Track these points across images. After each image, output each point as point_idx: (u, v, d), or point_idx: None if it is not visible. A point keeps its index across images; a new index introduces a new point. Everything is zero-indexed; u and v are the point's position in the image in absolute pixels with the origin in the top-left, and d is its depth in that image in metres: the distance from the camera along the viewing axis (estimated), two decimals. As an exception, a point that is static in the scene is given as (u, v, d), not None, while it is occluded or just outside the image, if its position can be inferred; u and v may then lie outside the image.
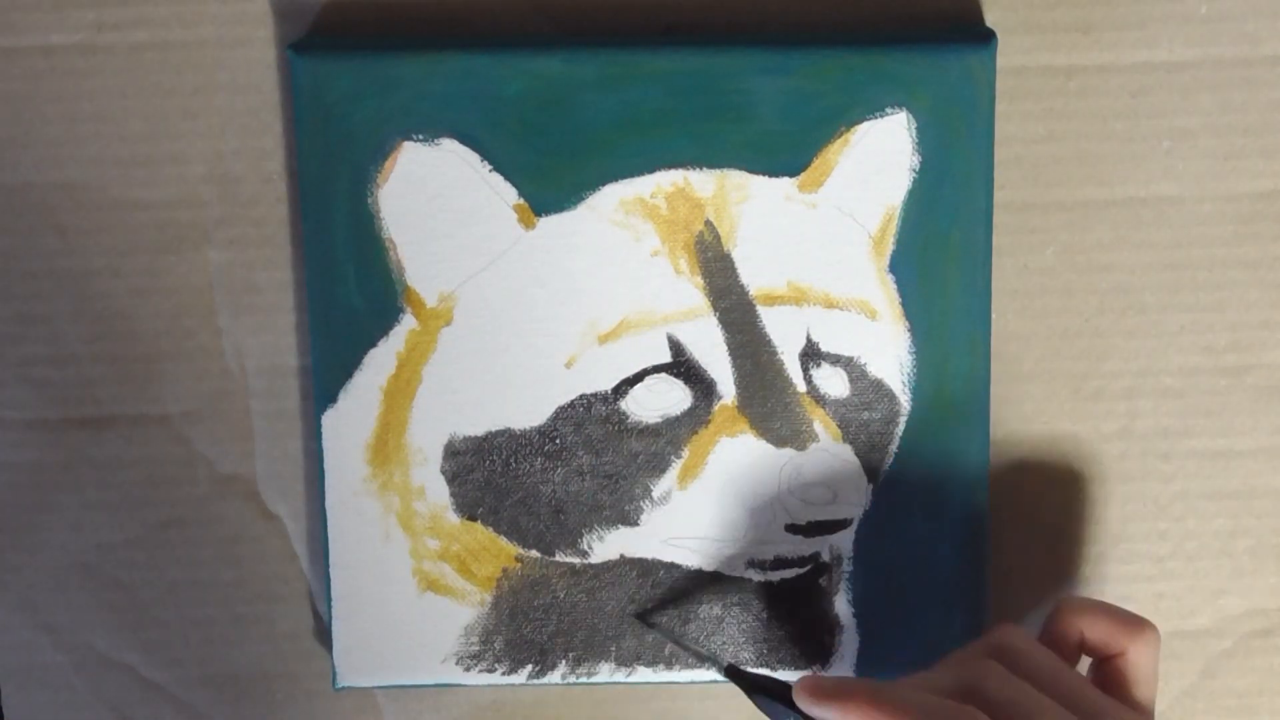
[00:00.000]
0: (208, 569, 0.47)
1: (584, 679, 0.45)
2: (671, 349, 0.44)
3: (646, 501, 0.44)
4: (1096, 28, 0.44)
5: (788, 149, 0.43)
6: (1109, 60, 0.44)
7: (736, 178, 0.43)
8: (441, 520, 0.45)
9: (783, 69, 0.42)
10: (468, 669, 0.45)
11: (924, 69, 0.42)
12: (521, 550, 0.45)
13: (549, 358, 0.44)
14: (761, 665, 0.45)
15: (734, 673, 0.42)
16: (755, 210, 0.43)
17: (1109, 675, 0.41)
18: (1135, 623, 0.41)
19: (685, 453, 0.44)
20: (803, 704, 0.38)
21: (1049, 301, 0.45)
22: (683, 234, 0.43)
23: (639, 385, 0.44)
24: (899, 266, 0.44)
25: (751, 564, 0.45)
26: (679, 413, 0.44)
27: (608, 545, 0.45)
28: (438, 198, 0.43)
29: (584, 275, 0.43)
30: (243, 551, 0.46)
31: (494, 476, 0.44)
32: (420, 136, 0.43)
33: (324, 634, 0.47)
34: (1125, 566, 0.46)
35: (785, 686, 0.39)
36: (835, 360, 0.44)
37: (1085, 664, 0.42)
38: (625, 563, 0.45)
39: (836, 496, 0.44)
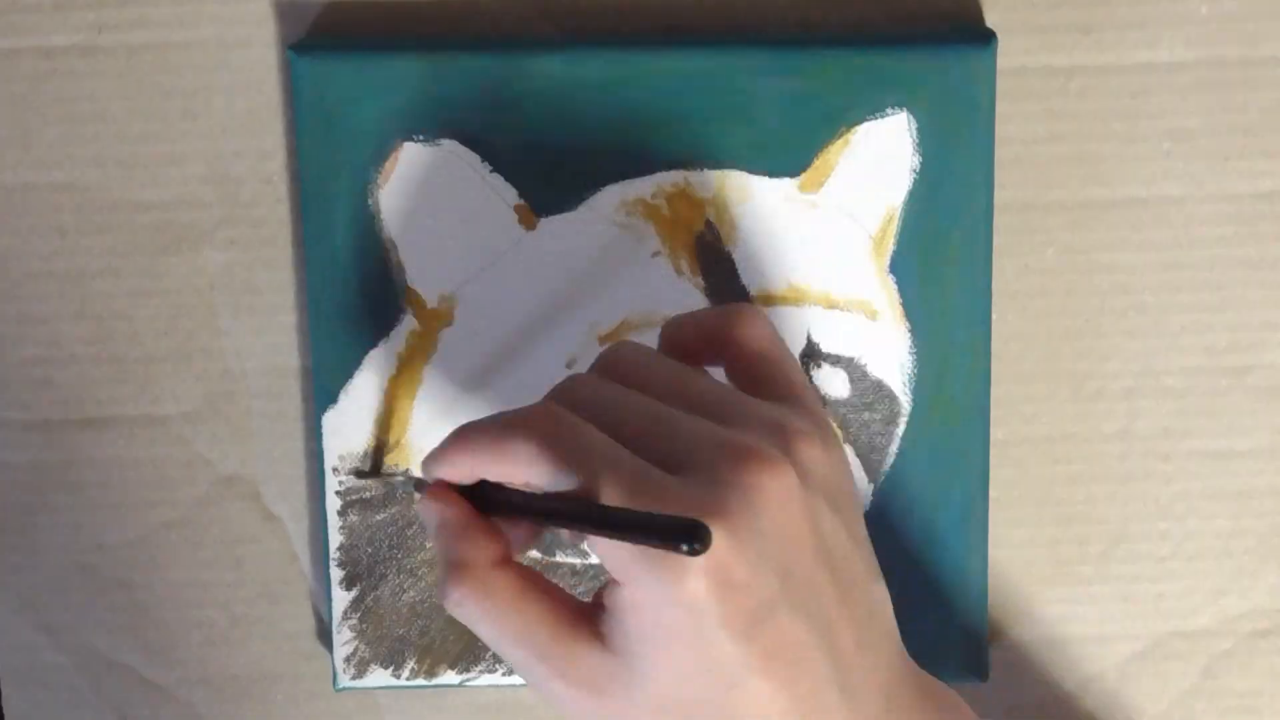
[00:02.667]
0: (208, 570, 0.47)
1: (585, 679, 0.45)
2: (672, 349, 0.44)
3: (647, 502, 0.44)
4: (1097, 28, 0.44)
5: (788, 150, 0.43)
6: (1109, 61, 0.44)
7: (737, 178, 0.43)
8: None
9: (783, 70, 0.42)
10: (468, 670, 0.45)
11: (924, 69, 0.43)
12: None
13: (550, 358, 0.44)
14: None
15: (419, 484, 0.40)
16: (756, 211, 0.43)
17: (736, 377, 0.37)
18: (731, 306, 0.37)
19: (686, 453, 0.44)
20: (425, 474, 0.36)
21: (1050, 302, 0.45)
22: (683, 234, 0.43)
23: (639, 386, 0.44)
24: (899, 267, 0.44)
25: (752, 564, 0.45)
26: (679, 413, 0.44)
27: (608, 546, 0.45)
28: (438, 198, 0.43)
29: (585, 276, 0.43)
30: (243, 552, 0.46)
31: (494, 477, 0.44)
32: (421, 137, 0.43)
33: (325, 635, 0.47)
34: (1126, 567, 0.46)
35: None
36: (836, 361, 0.44)
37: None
38: (626, 563, 0.45)
39: (837, 497, 0.44)
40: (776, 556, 0.32)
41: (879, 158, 0.43)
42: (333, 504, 0.45)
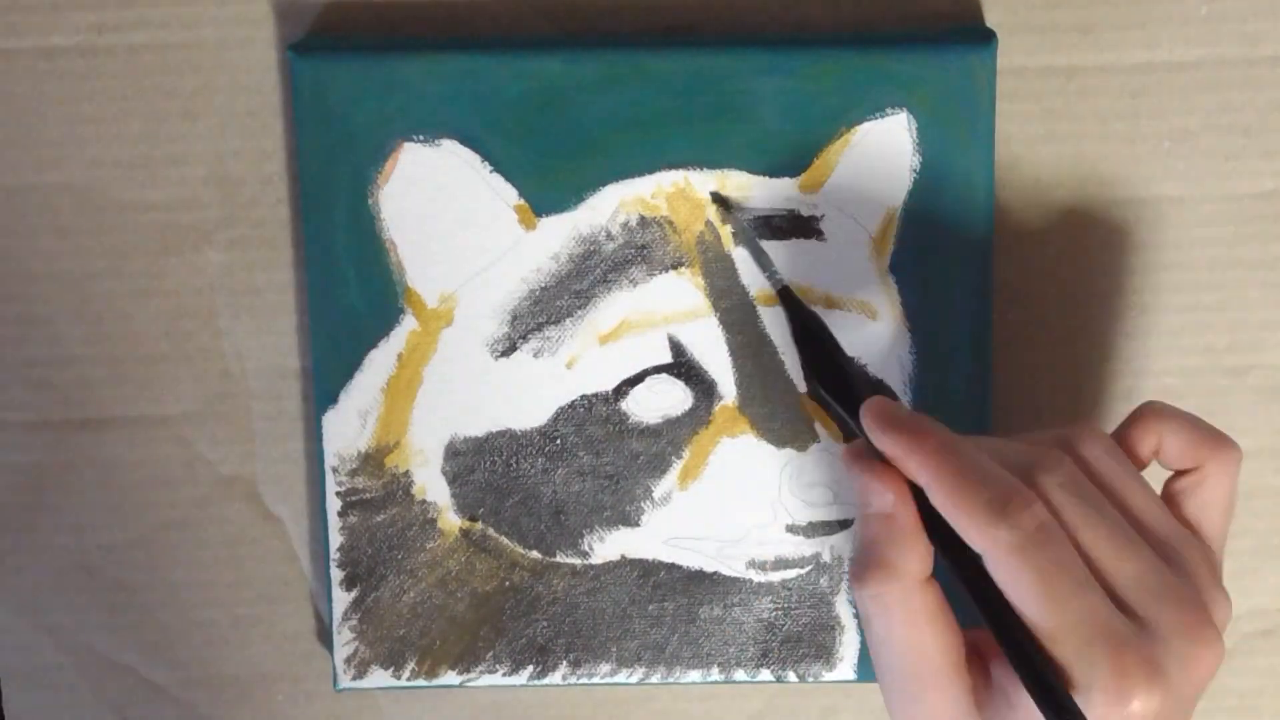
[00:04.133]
0: (209, 570, 0.47)
1: (585, 680, 0.45)
2: (672, 349, 0.44)
3: (647, 502, 0.44)
4: (1097, 28, 0.44)
5: (788, 149, 0.43)
6: (1109, 60, 0.44)
7: (737, 178, 0.43)
8: (443, 521, 0.45)
9: (783, 69, 0.42)
10: (468, 670, 0.45)
11: (924, 69, 0.42)
12: (522, 551, 0.45)
13: (550, 359, 0.44)
14: (763, 667, 0.45)
15: (800, 336, 0.41)
16: (756, 211, 0.43)
17: (1178, 492, 0.38)
18: (1219, 437, 0.38)
19: (686, 453, 0.44)
20: (868, 426, 0.37)
21: (1050, 302, 0.45)
22: (683, 235, 0.43)
23: (640, 386, 0.44)
24: (900, 267, 0.44)
25: (752, 564, 0.45)
26: (680, 413, 0.44)
27: (608, 546, 0.45)
28: (438, 199, 0.43)
29: (584, 276, 0.43)
30: (244, 553, 0.46)
31: (495, 477, 0.44)
32: (421, 137, 0.43)
33: (325, 635, 0.47)
34: (1126, 566, 0.46)
35: (850, 390, 0.38)
36: (836, 361, 0.44)
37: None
38: (626, 563, 0.45)
39: (837, 497, 0.44)
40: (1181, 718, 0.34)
41: (879, 158, 0.43)
42: (333, 504, 0.45)
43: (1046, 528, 0.34)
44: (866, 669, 0.45)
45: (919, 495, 0.36)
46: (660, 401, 0.44)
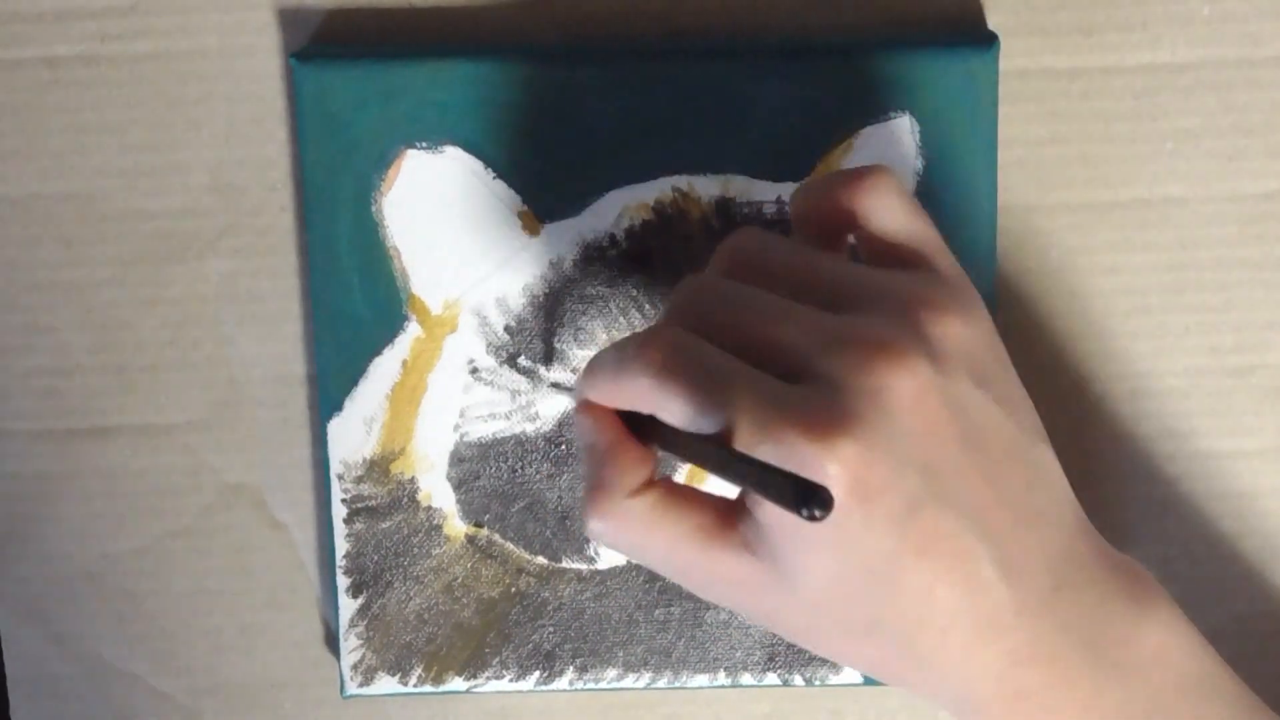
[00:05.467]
0: (215, 578, 0.47)
1: (591, 685, 0.46)
2: (676, 354, 0.44)
3: (653, 507, 0.44)
4: (1099, 29, 0.44)
5: (791, 154, 0.43)
6: (1112, 62, 0.44)
7: (740, 183, 0.43)
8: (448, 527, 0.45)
9: (785, 74, 0.42)
10: (475, 676, 0.45)
11: (926, 73, 0.43)
12: (528, 557, 0.45)
13: (555, 364, 0.44)
14: (769, 670, 0.45)
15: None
16: (759, 216, 0.43)
17: (864, 250, 0.35)
18: (855, 172, 0.35)
19: (691, 458, 0.44)
20: (575, 394, 0.36)
21: (1053, 303, 0.45)
22: (687, 240, 0.43)
23: (644, 391, 0.44)
24: (903, 270, 0.44)
25: (758, 568, 0.45)
26: (684, 418, 0.44)
27: (614, 551, 0.45)
28: (442, 205, 0.43)
29: (587, 281, 0.43)
30: (250, 560, 0.46)
31: (500, 483, 0.44)
32: (424, 144, 0.43)
33: (331, 642, 0.47)
34: (1132, 568, 0.46)
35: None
36: (840, 364, 0.44)
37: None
38: (632, 568, 0.45)
39: (842, 500, 0.44)
40: (916, 454, 0.31)
41: (882, 161, 0.43)
42: (339, 511, 0.45)
43: (676, 347, 0.32)
44: (873, 672, 0.45)
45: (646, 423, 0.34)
46: (665, 406, 0.44)
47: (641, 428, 0.34)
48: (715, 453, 0.31)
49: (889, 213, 0.35)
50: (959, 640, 0.33)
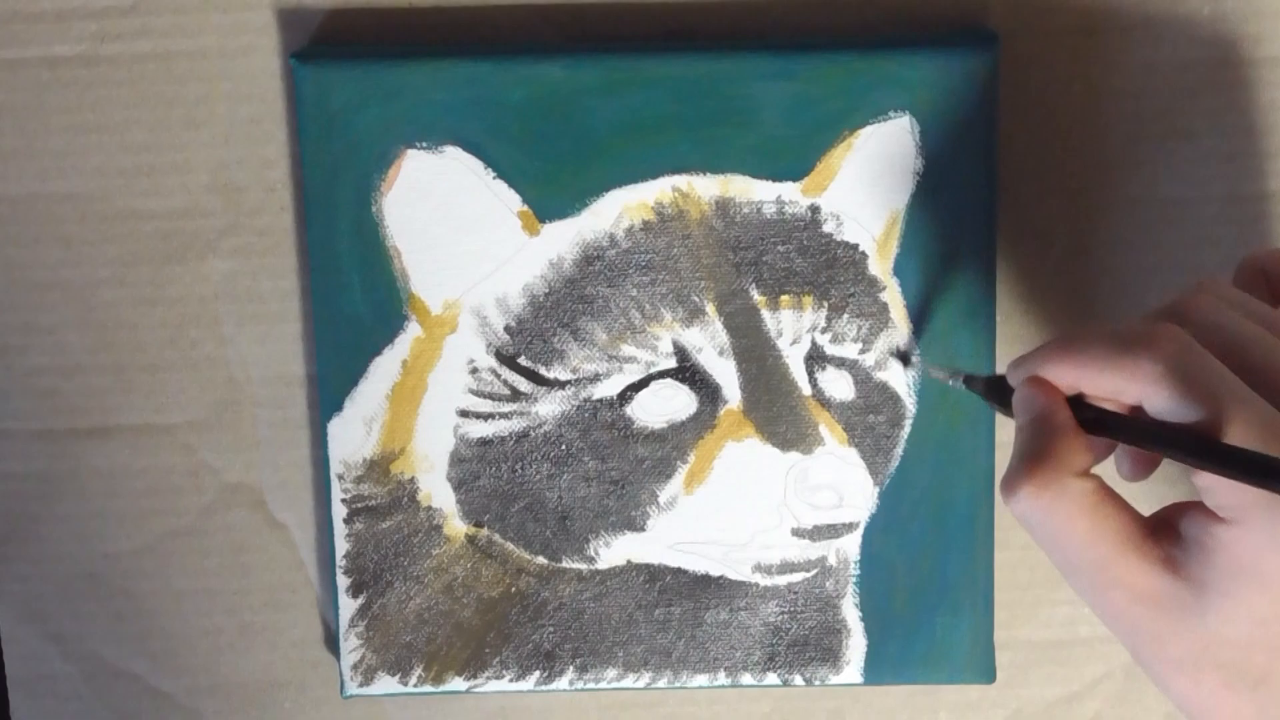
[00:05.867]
0: (215, 578, 0.47)
1: (591, 685, 0.46)
2: (676, 354, 0.44)
3: (653, 507, 0.44)
4: (1099, 29, 0.44)
5: (791, 153, 0.43)
6: (1112, 62, 0.44)
7: (740, 183, 0.43)
8: (448, 527, 0.45)
9: (785, 74, 0.42)
10: (475, 676, 0.45)
11: (927, 72, 0.43)
12: (528, 557, 0.45)
13: (556, 363, 0.44)
14: (770, 671, 0.45)
15: (968, 381, 0.41)
16: (759, 215, 0.43)
17: None
18: None
19: (691, 457, 0.44)
20: (1011, 378, 0.36)
21: (1054, 303, 0.45)
22: (687, 240, 0.43)
23: (644, 391, 0.44)
24: (903, 269, 0.44)
25: (758, 568, 0.45)
26: (684, 418, 0.44)
27: (614, 551, 0.45)
28: (441, 205, 0.43)
29: (588, 281, 0.43)
30: (250, 560, 0.46)
31: (500, 483, 0.44)
32: (424, 144, 0.43)
33: (332, 642, 0.47)
34: (1132, 568, 0.46)
35: (1001, 379, 0.38)
36: (840, 364, 0.44)
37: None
38: (632, 568, 0.45)
39: (842, 500, 0.44)
40: None
41: (882, 161, 0.43)
42: (339, 511, 0.45)
43: (1188, 348, 0.33)
44: (873, 672, 0.45)
45: (1078, 408, 0.35)
46: (665, 406, 0.44)
47: (1085, 420, 0.35)
48: (1214, 445, 0.32)
49: None
50: None
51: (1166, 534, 0.34)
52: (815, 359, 0.44)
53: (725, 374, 0.44)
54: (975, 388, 0.40)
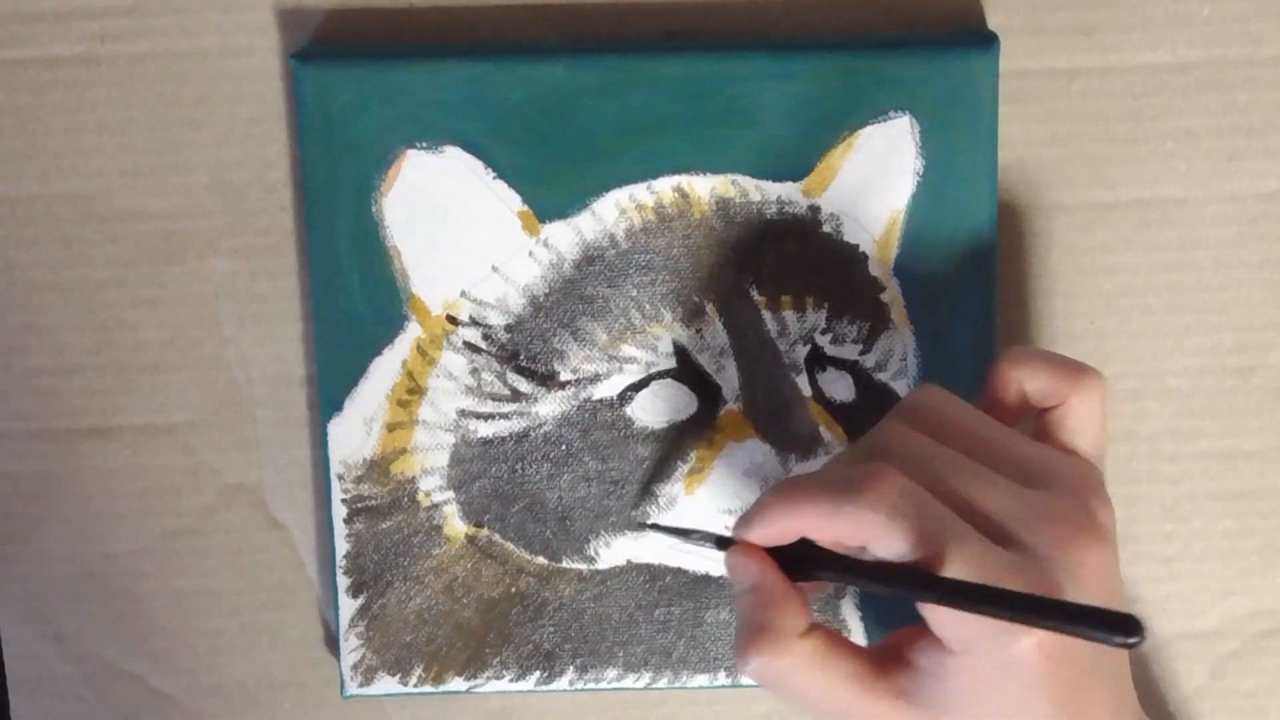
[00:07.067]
0: (215, 578, 0.47)
1: (591, 685, 0.46)
2: (676, 354, 0.44)
3: (653, 507, 0.44)
4: (1099, 29, 0.44)
5: (791, 153, 0.43)
6: (1112, 62, 0.44)
7: (740, 183, 0.43)
8: (449, 528, 0.45)
9: (785, 74, 0.42)
10: (475, 676, 0.45)
11: (927, 72, 0.42)
12: (528, 557, 0.45)
13: (555, 365, 0.44)
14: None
15: (699, 539, 0.41)
16: (759, 215, 0.43)
17: (1049, 425, 0.39)
18: (1076, 369, 0.39)
19: (691, 458, 0.44)
20: (737, 535, 0.37)
21: (1054, 304, 0.45)
22: (687, 240, 0.43)
23: (644, 391, 0.44)
24: (903, 270, 0.44)
25: (758, 568, 0.45)
26: (685, 418, 0.44)
27: (614, 551, 0.45)
28: (441, 205, 0.43)
29: (588, 281, 0.43)
30: (250, 561, 0.46)
31: (500, 483, 0.44)
32: (423, 144, 0.43)
33: (332, 642, 0.47)
34: (1132, 568, 0.46)
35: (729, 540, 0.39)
36: (840, 364, 0.44)
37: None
38: (632, 568, 0.45)
39: (843, 500, 0.44)
40: None
41: (882, 161, 0.43)
42: (339, 512, 0.45)
43: (904, 490, 0.35)
44: (873, 672, 0.45)
45: (780, 552, 0.37)
46: (665, 406, 0.44)
47: (799, 562, 0.36)
48: (926, 580, 0.34)
49: (1090, 419, 0.38)
50: None
51: (897, 665, 0.36)
52: (816, 360, 0.44)
53: (726, 375, 0.44)
54: (707, 544, 0.40)
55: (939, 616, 0.34)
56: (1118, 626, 0.31)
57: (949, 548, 0.34)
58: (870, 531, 0.35)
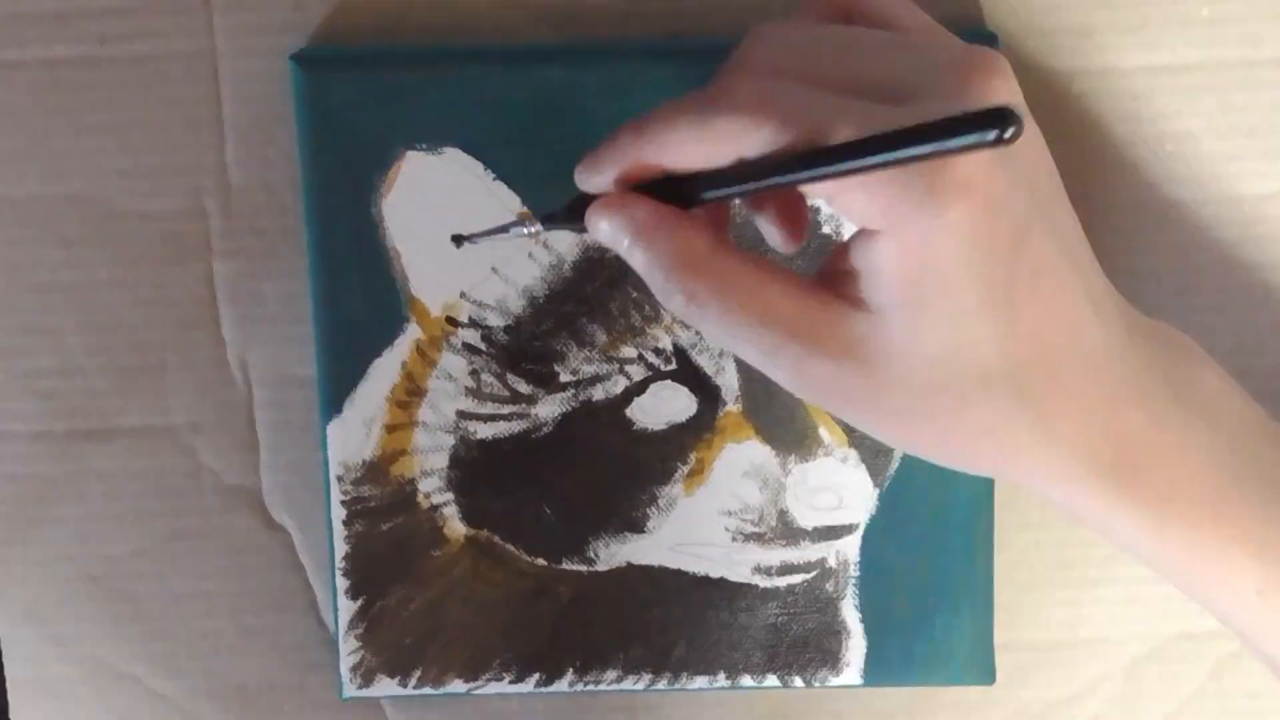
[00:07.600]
0: (214, 580, 0.47)
1: (591, 687, 0.45)
2: (676, 356, 0.44)
3: (653, 508, 0.44)
4: (1098, 31, 0.44)
5: (791, 155, 0.43)
6: (1111, 63, 0.44)
7: (740, 184, 0.43)
8: (449, 530, 0.45)
9: (785, 75, 0.42)
10: (475, 678, 0.45)
11: (926, 73, 0.42)
12: (528, 559, 0.45)
13: (555, 365, 0.44)
14: (769, 672, 0.45)
15: (545, 220, 0.37)
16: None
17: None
18: None
19: (691, 459, 0.44)
20: (588, 186, 0.34)
21: (1053, 305, 0.45)
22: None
23: (644, 392, 0.44)
24: (903, 271, 0.44)
25: (758, 570, 0.45)
26: (685, 419, 0.44)
27: (614, 553, 0.45)
28: (441, 207, 0.43)
29: (588, 282, 0.43)
30: (249, 563, 0.46)
31: (500, 485, 0.44)
32: (423, 146, 0.43)
33: (331, 644, 0.47)
34: (1132, 568, 0.46)
35: (581, 199, 0.35)
36: (840, 365, 0.44)
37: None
38: (632, 570, 0.45)
39: (842, 502, 0.44)
40: (1024, 171, 0.31)
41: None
42: (338, 513, 0.45)
43: (767, 85, 0.31)
44: (873, 674, 0.45)
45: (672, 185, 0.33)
46: (665, 408, 0.44)
47: (676, 199, 0.32)
48: (819, 154, 0.29)
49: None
50: (1068, 383, 0.32)
51: (842, 279, 0.32)
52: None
53: (725, 376, 0.44)
54: (556, 224, 0.36)
55: (848, 199, 0.30)
56: (989, 123, 0.26)
57: (828, 121, 0.30)
58: (742, 137, 0.31)
